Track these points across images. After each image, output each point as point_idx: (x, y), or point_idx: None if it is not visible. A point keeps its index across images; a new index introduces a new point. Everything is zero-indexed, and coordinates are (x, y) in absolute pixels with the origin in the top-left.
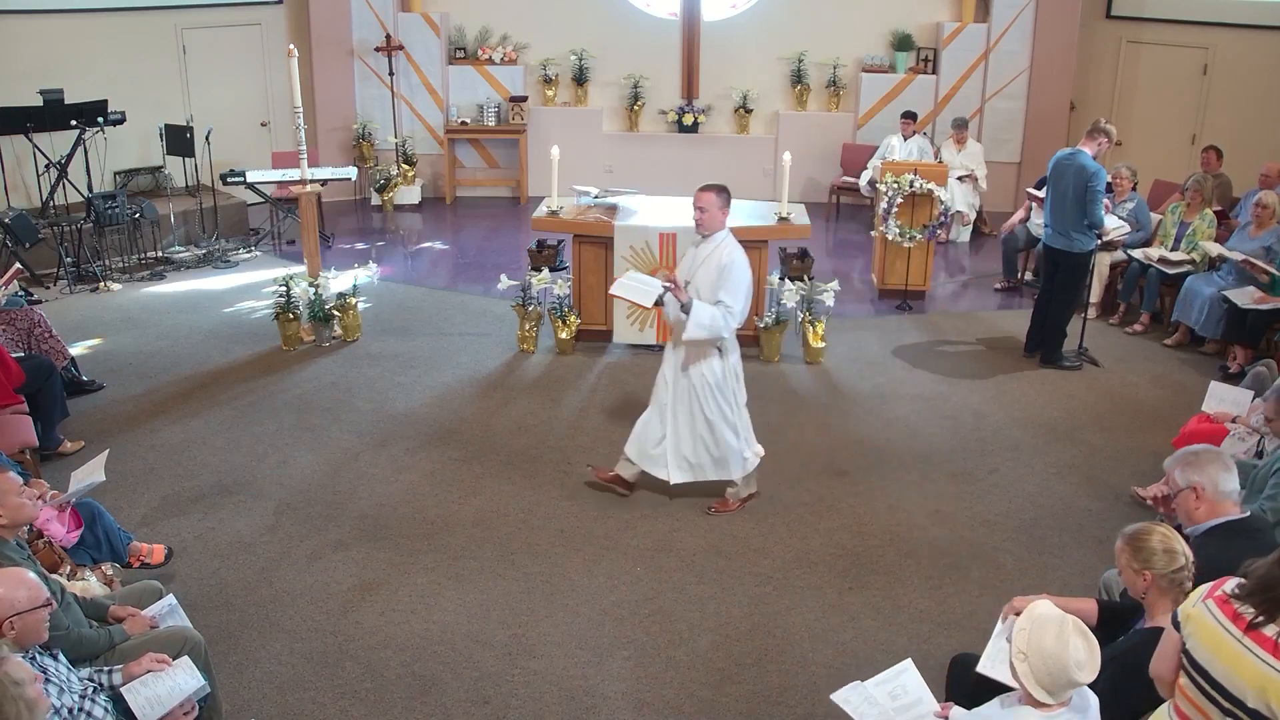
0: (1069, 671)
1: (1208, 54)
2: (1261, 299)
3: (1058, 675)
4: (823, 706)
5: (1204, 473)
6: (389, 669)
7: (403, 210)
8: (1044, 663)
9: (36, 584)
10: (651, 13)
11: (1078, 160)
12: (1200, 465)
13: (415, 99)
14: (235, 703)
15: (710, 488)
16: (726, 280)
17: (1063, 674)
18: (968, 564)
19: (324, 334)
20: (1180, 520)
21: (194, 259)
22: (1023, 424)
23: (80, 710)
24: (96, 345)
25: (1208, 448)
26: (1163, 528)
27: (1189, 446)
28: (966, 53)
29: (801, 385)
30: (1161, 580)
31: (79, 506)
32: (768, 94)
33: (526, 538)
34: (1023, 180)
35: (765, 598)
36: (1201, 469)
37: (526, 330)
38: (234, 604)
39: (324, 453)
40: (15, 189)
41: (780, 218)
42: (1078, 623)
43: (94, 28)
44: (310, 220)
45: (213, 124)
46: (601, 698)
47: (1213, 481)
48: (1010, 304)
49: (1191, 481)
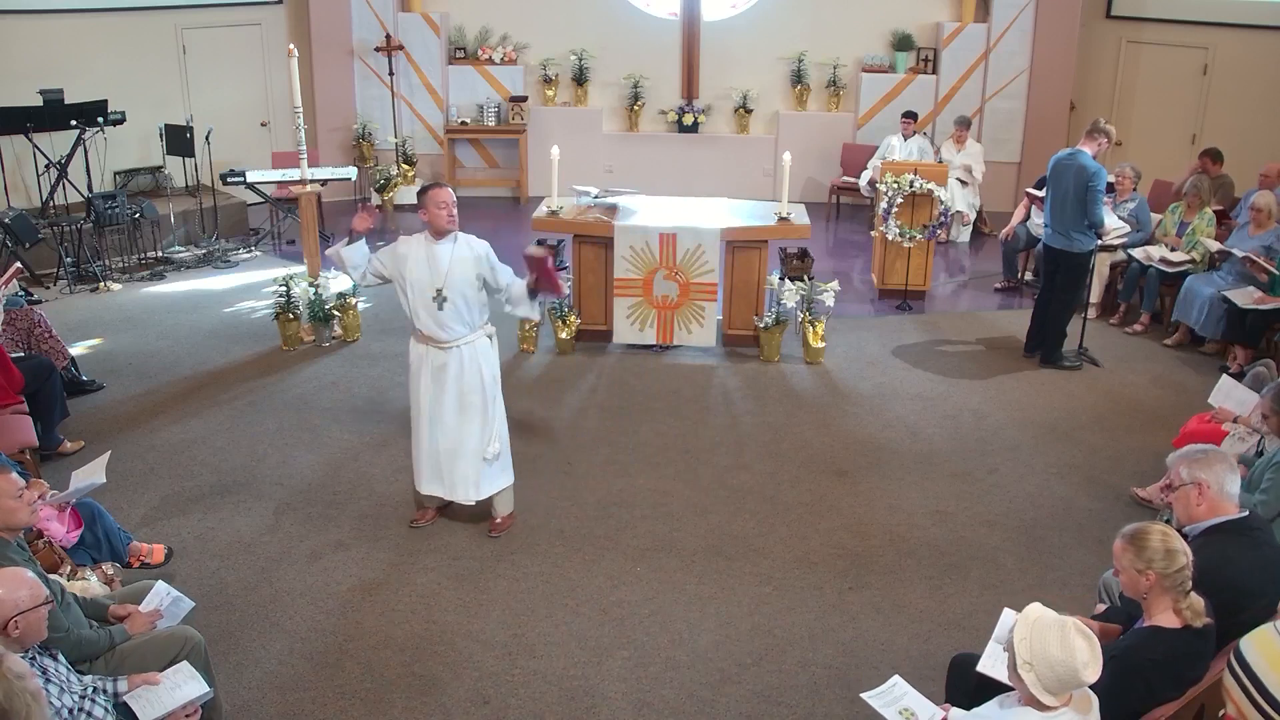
0: (1077, 674)
1: (1208, 54)
2: (1261, 299)
3: (1067, 679)
4: (823, 706)
5: (1211, 471)
6: (389, 669)
7: (403, 210)
8: (1051, 670)
9: (36, 582)
10: (651, 13)
11: (1078, 160)
12: (1208, 464)
13: (415, 99)
14: (235, 703)
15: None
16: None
17: (1072, 677)
18: (968, 564)
19: (324, 334)
20: (1178, 515)
21: (194, 259)
22: (1023, 424)
23: (80, 710)
24: (96, 345)
25: (1215, 448)
26: (1162, 527)
27: (1196, 445)
28: (966, 53)
29: (801, 385)
30: (1164, 580)
31: (79, 506)
32: (768, 94)
33: (526, 538)
34: (1023, 180)
35: (765, 598)
36: (1209, 467)
37: (526, 330)
38: (234, 604)
39: (324, 453)
40: (15, 189)
41: (780, 218)
42: (1077, 623)
43: (94, 28)
44: (310, 220)
45: (213, 124)
46: (601, 698)
47: (1218, 481)
48: (1010, 304)
49: (1197, 478)
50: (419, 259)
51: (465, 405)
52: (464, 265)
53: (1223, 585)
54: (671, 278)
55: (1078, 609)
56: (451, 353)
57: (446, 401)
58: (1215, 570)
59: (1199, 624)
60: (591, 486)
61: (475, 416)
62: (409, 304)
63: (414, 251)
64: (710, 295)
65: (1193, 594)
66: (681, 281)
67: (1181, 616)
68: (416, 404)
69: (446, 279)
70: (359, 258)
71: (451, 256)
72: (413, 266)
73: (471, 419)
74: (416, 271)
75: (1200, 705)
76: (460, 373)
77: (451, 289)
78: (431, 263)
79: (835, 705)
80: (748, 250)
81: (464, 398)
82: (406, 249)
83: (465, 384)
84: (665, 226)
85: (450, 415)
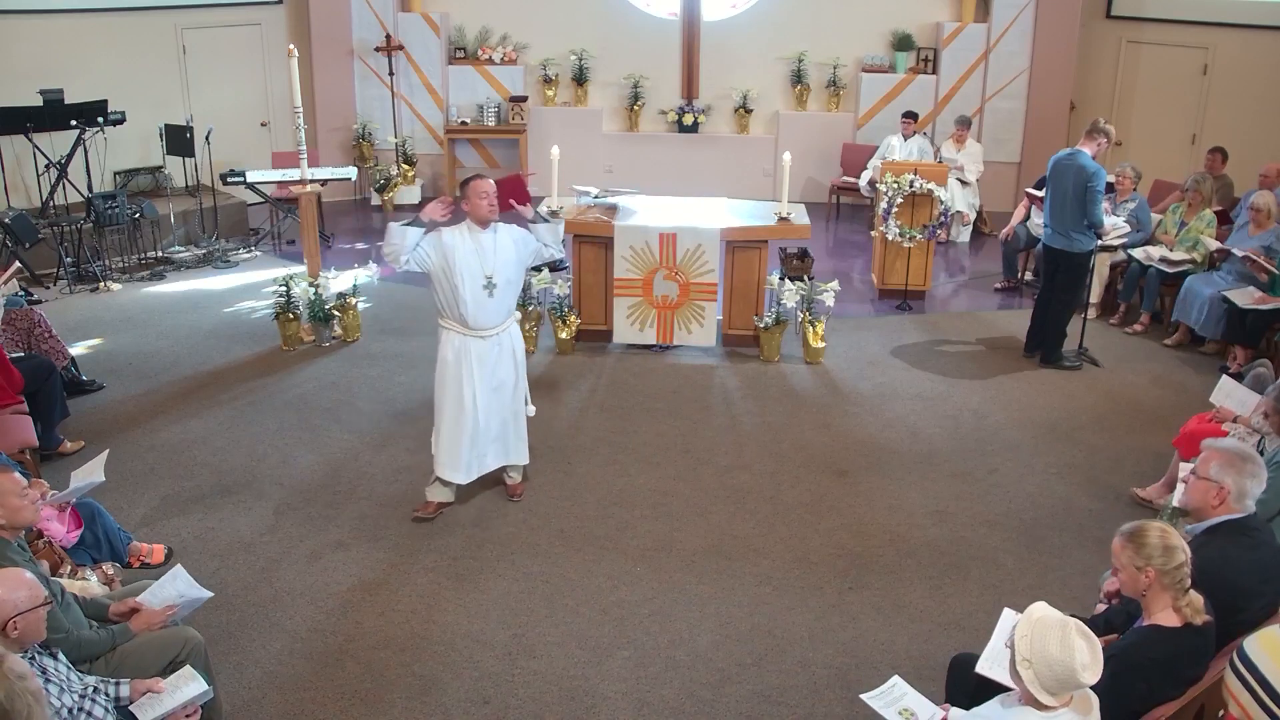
0: (1076, 675)
1: (1208, 54)
2: (1261, 299)
3: (1065, 680)
4: (823, 706)
5: (1240, 479)
6: (389, 669)
7: (403, 210)
8: (1050, 669)
9: (34, 582)
10: (651, 13)
11: (1077, 160)
12: (1241, 471)
13: (415, 99)
14: (235, 703)
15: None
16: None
17: (1070, 678)
18: (968, 564)
19: (324, 334)
20: (1189, 503)
21: (194, 259)
22: (1023, 424)
23: (80, 710)
24: (96, 345)
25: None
26: (1160, 525)
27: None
28: (966, 53)
29: (801, 385)
30: (1163, 578)
31: (79, 506)
32: (768, 94)
33: (526, 538)
34: (1023, 180)
35: (765, 598)
36: (1240, 474)
37: (526, 330)
38: (234, 604)
39: (324, 453)
40: (15, 189)
41: (780, 218)
42: (1079, 625)
43: (94, 28)
44: (310, 220)
45: (213, 124)
46: (601, 698)
47: (1241, 491)
48: (1010, 304)
49: (1224, 482)
50: (467, 249)
51: (502, 385)
52: (508, 250)
53: (1222, 585)
54: (671, 278)
55: (1078, 609)
56: (491, 341)
57: (487, 385)
58: (1214, 570)
59: (1198, 621)
60: (591, 486)
61: (510, 391)
62: (455, 293)
63: (460, 242)
64: (710, 295)
65: (1192, 591)
66: (681, 281)
67: (1181, 614)
68: (457, 394)
69: (495, 266)
70: (409, 242)
71: (496, 244)
72: (462, 255)
73: (506, 394)
74: (466, 260)
75: (1200, 705)
76: (499, 356)
77: (500, 274)
78: (480, 251)
79: (835, 705)
80: (748, 250)
81: (503, 379)
82: (452, 239)
83: (504, 367)
84: (665, 226)
85: (489, 396)
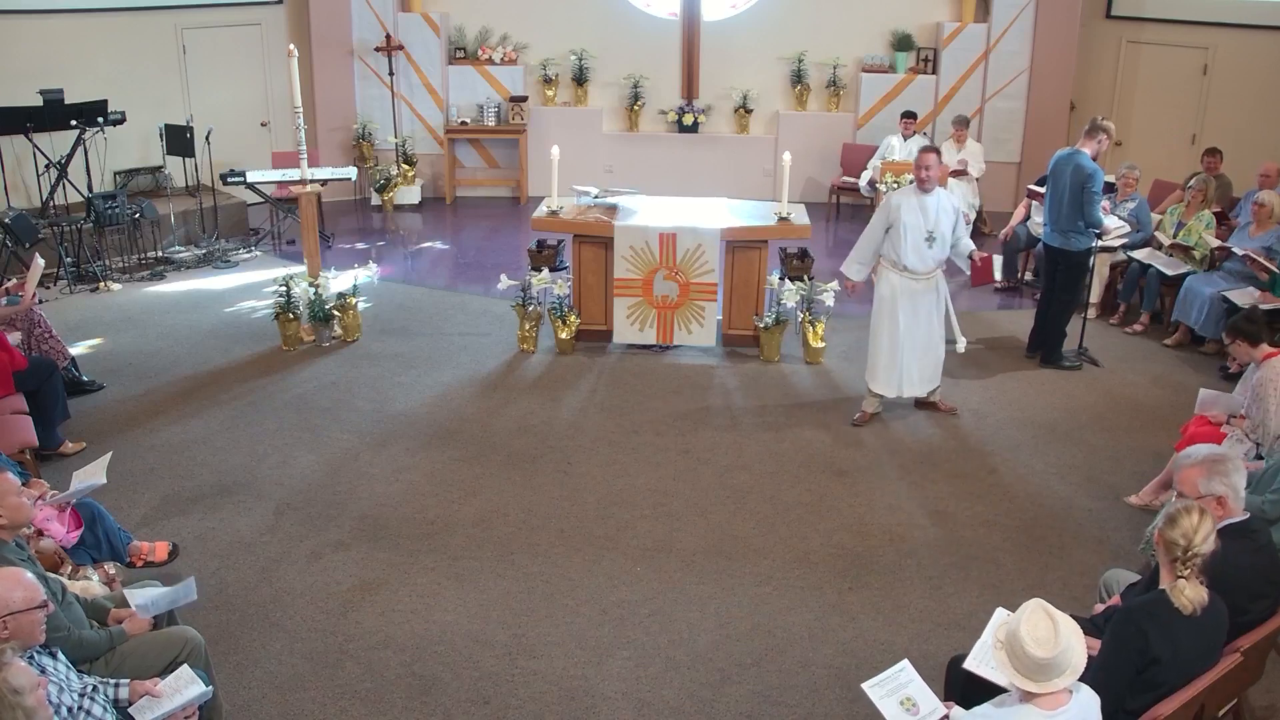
0: (1024, 645)
1: (1208, 54)
2: (1262, 299)
3: (1020, 656)
4: (823, 706)
5: (1229, 481)
6: (389, 669)
7: (403, 210)
8: (1009, 643)
9: (34, 585)
10: (651, 13)
11: (1075, 160)
12: (1225, 473)
13: (415, 99)
14: (235, 703)
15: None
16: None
17: (1020, 651)
18: (968, 564)
19: (324, 334)
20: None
21: (194, 259)
22: (1023, 424)
23: (80, 709)
24: (96, 345)
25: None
26: (1194, 518)
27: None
28: (966, 53)
29: (801, 385)
30: (1167, 548)
31: (79, 506)
32: (768, 94)
33: (526, 538)
34: (1023, 180)
35: (765, 598)
36: (1226, 476)
37: (526, 330)
38: (234, 604)
39: (324, 453)
40: (15, 189)
41: (780, 218)
42: (1050, 608)
43: (94, 28)
44: (310, 220)
45: (213, 124)
46: (601, 698)
47: (1235, 489)
48: (1010, 304)
49: (1216, 492)
50: (912, 207)
51: (930, 320)
52: (946, 214)
53: (1223, 588)
54: (671, 278)
55: (1078, 609)
56: (923, 282)
57: (920, 318)
58: (1216, 573)
59: (1186, 612)
60: (591, 486)
61: (937, 325)
62: (899, 243)
63: (907, 201)
64: (710, 295)
65: (1188, 584)
66: (681, 281)
67: (1178, 593)
68: (893, 322)
69: (935, 223)
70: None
71: (937, 206)
72: (907, 213)
73: (934, 328)
74: (910, 217)
75: (1200, 705)
76: (931, 294)
77: (937, 230)
78: (923, 211)
79: (835, 705)
80: (748, 250)
81: (931, 314)
82: (899, 200)
83: (932, 304)
84: (665, 226)
85: (922, 328)
